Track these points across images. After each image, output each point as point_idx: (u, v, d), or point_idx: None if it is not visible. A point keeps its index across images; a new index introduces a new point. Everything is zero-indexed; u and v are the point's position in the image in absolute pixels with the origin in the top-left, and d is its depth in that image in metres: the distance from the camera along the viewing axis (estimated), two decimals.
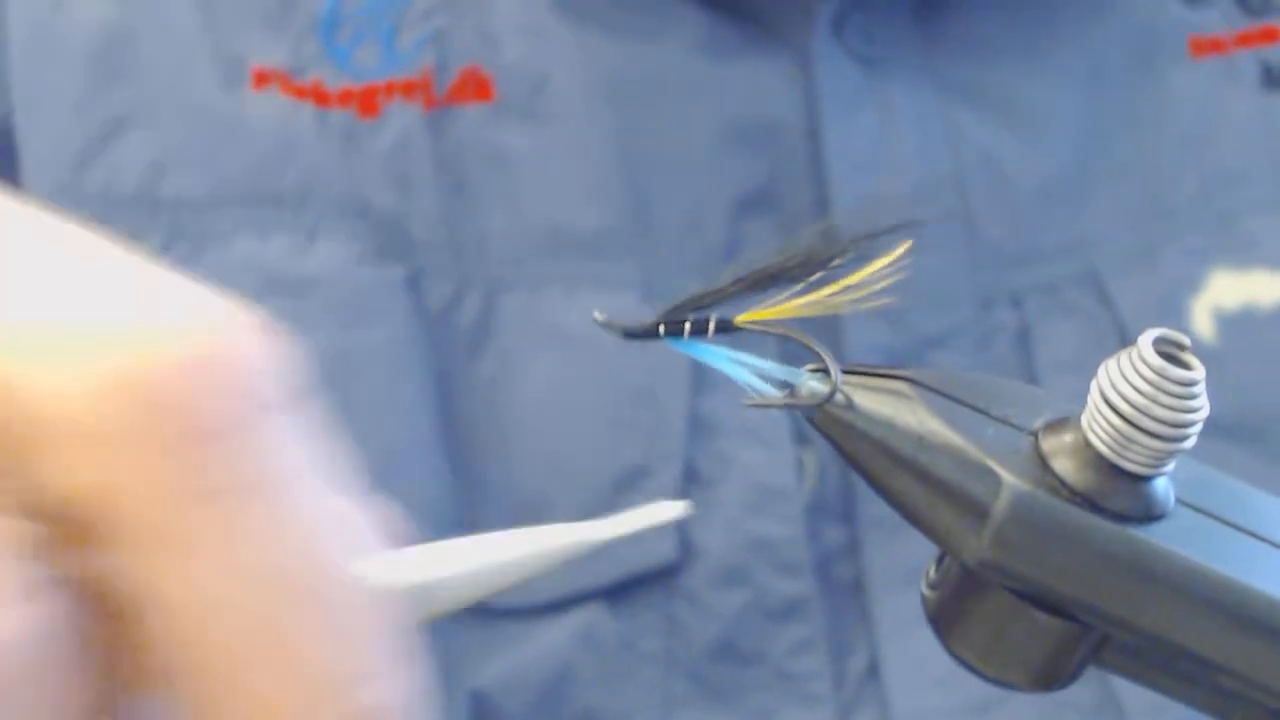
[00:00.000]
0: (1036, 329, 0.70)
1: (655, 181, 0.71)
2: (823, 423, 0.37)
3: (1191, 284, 0.71)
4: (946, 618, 0.37)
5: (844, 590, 0.69)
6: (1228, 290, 0.71)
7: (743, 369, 0.37)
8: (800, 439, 0.69)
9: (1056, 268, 0.71)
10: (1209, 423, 0.35)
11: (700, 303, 0.37)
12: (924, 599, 0.38)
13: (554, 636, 0.68)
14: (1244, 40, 0.74)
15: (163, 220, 0.71)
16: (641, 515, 0.37)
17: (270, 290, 0.70)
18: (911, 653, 0.68)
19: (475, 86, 0.72)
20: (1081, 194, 0.72)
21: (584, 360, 0.69)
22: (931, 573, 0.38)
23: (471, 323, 0.70)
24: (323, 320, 0.70)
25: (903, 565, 0.69)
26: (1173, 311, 0.71)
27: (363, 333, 0.70)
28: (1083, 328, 0.70)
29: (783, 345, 0.38)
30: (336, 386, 0.69)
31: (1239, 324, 0.71)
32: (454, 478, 0.69)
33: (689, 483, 0.68)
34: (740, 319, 0.37)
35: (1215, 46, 0.74)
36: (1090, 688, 0.68)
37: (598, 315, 0.37)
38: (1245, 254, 0.72)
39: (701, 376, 0.69)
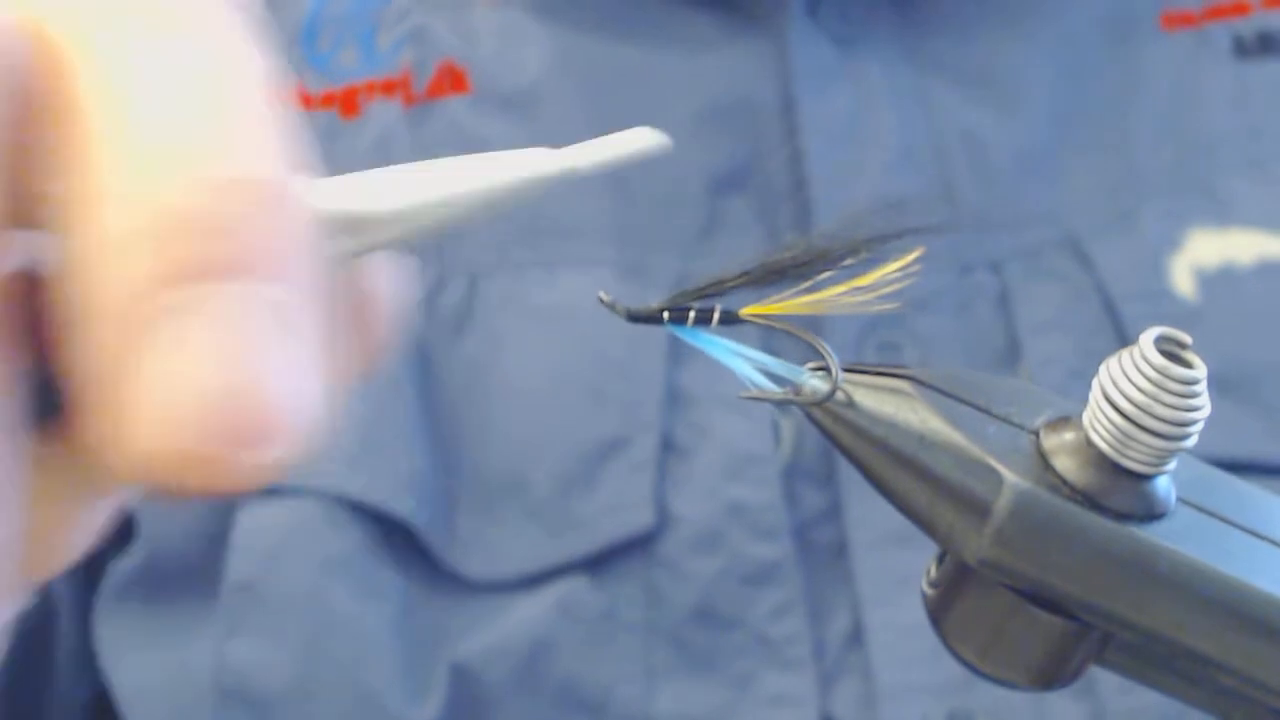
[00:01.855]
0: (1017, 292, 0.71)
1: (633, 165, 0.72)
2: (824, 421, 0.36)
3: (1171, 244, 0.72)
4: (947, 616, 0.37)
5: (825, 553, 0.69)
6: (1207, 249, 0.72)
7: (744, 362, 0.37)
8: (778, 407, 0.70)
9: (1035, 234, 0.72)
10: None
11: (706, 292, 0.37)
12: (924, 597, 0.37)
13: (534, 608, 0.69)
14: (1214, 13, 0.75)
15: None
16: (613, 143, 0.36)
17: None
18: (896, 622, 0.68)
19: (452, 80, 0.73)
20: (1059, 164, 0.73)
21: (563, 336, 0.70)
22: (932, 571, 0.38)
23: (455, 305, 0.71)
24: None
25: (885, 527, 0.69)
26: (1153, 271, 0.71)
27: None
28: (1062, 289, 0.71)
29: (784, 340, 0.38)
30: None
31: (1219, 281, 0.71)
32: (435, 454, 0.70)
33: (667, 452, 0.69)
34: (745, 311, 0.37)
35: (1186, 20, 0.75)
36: None
37: (603, 296, 0.37)
38: (1222, 214, 0.72)
39: (678, 349, 0.69)
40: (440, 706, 0.67)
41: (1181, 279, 0.72)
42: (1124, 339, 0.71)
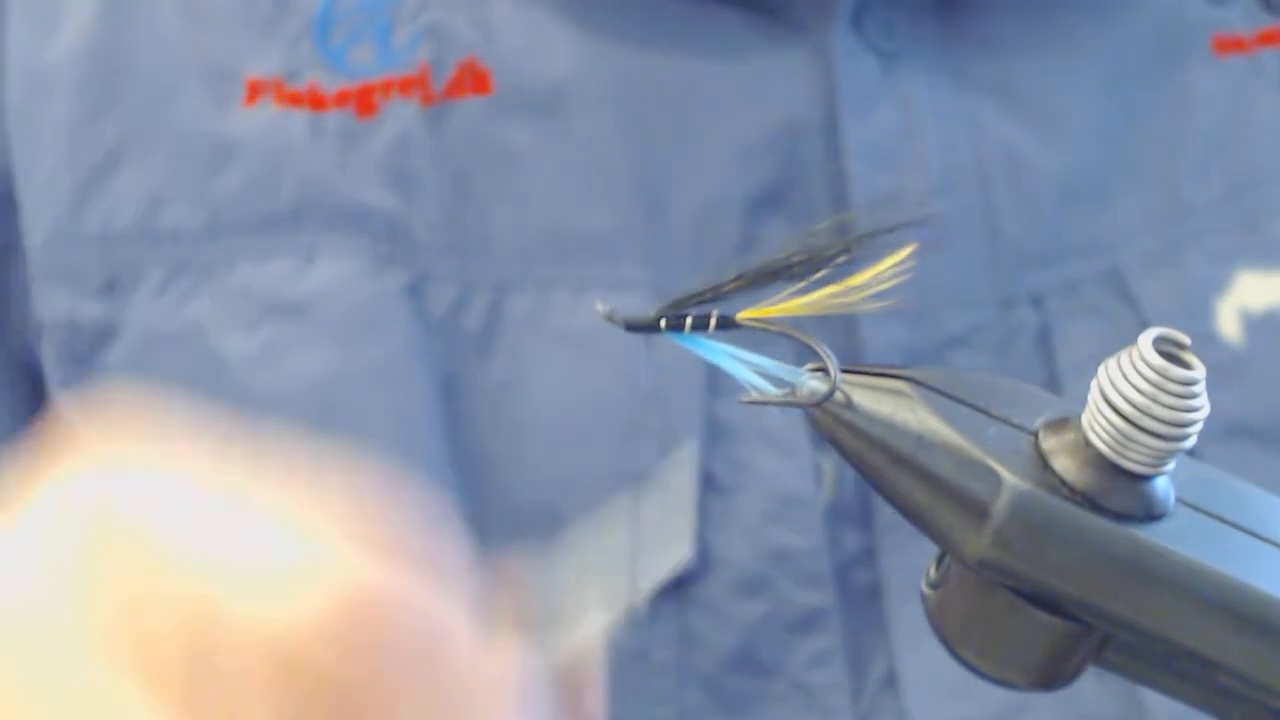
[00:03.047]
0: (1058, 329, 0.69)
1: (667, 180, 0.70)
2: (822, 422, 0.36)
3: (1217, 285, 0.71)
4: (947, 617, 0.37)
5: (861, 597, 0.68)
6: (1254, 292, 0.71)
7: (742, 366, 0.37)
8: (818, 444, 0.68)
9: (1078, 267, 0.70)
10: (1235, 426, 0.35)
11: (702, 298, 0.37)
12: (924, 598, 0.38)
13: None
14: (1266, 39, 0.74)
15: (162, 254, 0.70)
16: None
17: (270, 315, 0.69)
18: (928, 661, 0.67)
19: (474, 79, 0.71)
20: (1103, 193, 0.71)
21: (594, 363, 0.68)
22: (931, 572, 0.38)
23: (478, 326, 0.69)
24: (323, 340, 0.69)
25: (919, 569, 0.68)
26: (1199, 312, 0.70)
27: (364, 350, 0.69)
28: (1104, 328, 0.70)
29: (785, 343, 0.38)
30: (339, 405, 0.69)
31: (1265, 326, 0.70)
32: (462, 486, 0.68)
33: (706, 490, 0.68)
34: (742, 315, 0.37)
35: (1238, 45, 0.74)
36: (1116, 698, 0.67)
37: (599, 307, 0.37)
38: (1271, 255, 0.71)
39: (716, 379, 0.68)
40: None
41: (1227, 322, 0.71)
42: None
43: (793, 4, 0.70)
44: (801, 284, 0.36)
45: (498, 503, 0.69)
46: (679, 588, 0.67)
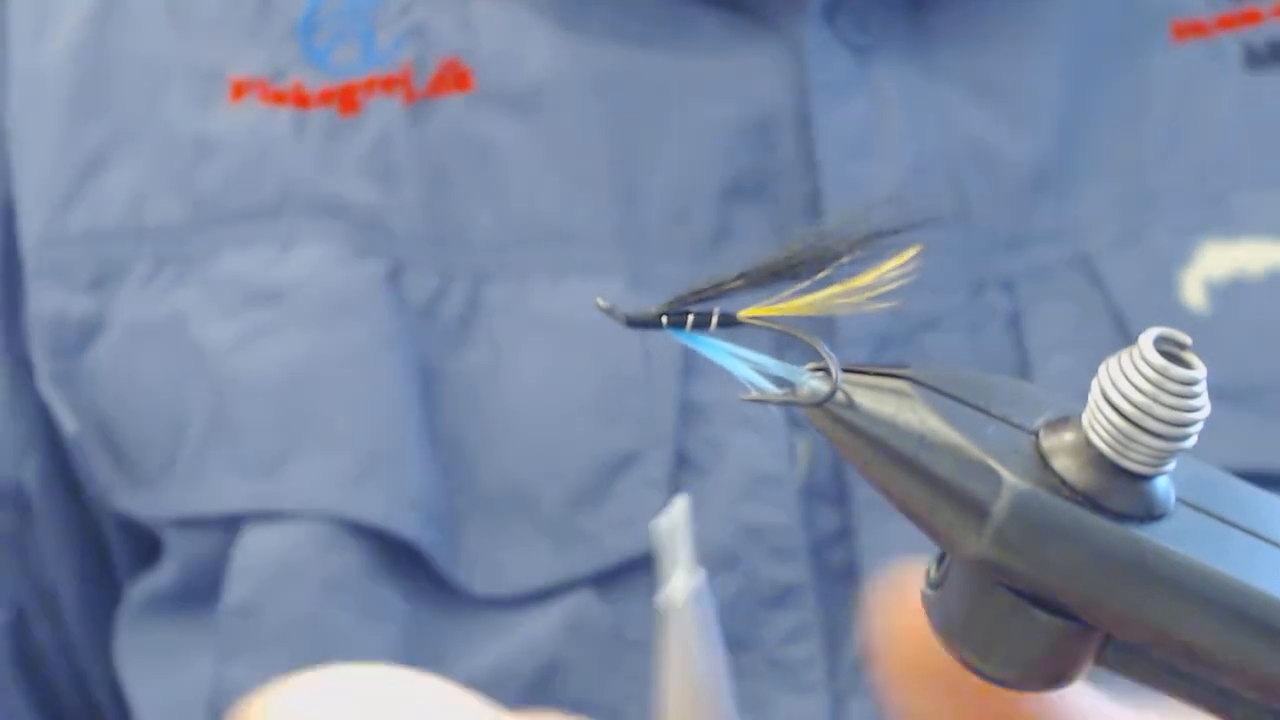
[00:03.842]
0: (1028, 313, 0.71)
1: (642, 170, 0.71)
2: (823, 422, 0.36)
3: (1181, 257, 0.72)
4: (947, 617, 0.37)
5: (837, 575, 0.69)
6: (1217, 261, 0.72)
7: (743, 364, 0.37)
8: (793, 423, 0.69)
9: (1047, 252, 0.72)
10: (1207, 388, 0.35)
11: (704, 295, 0.37)
12: (924, 598, 0.37)
13: (542, 626, 0.68)
14: (1226, 23, 0.75)
15: (147, 249, 0.72)
16: None
17: (250, 303, 0.70)
18: None
19: (455, 77, 0.72)
20: (1070, 179, 0.73)
21: (572, 347, 0.69)
22: (931, 572, 0.38)
23: (457, 313, 0.70)
24: (301, 323, 0.70)
25: (896, 548, 0.68)
26: (1163, 286, 0.71)
27: (342, 333, 0.70)
28: (1074, 308, 0.71)
29: (783, 342, 0.38)
30: (314, 388, 0.69)
31: (1230, 293, 0.71)
32: (441, 469, 0.69)
33: (681, 469, 0.68)
34: (743, 314, 0.37)
35: (1197, 30, 0.75)
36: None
37: (600, 302, 0.37)
38: (1233, 226, 0.72)
39: (693, 362, 0.69)
40: None
41: (1192, 292, 0.72)
42: None
43: (765, 1, 0.71)
44: (804, 283, 0.36)
45: (476, 486, 0.69)
46: (653, 565, 0.67)
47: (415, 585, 0.69)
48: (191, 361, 0.70)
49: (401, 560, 0.69)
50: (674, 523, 0.38)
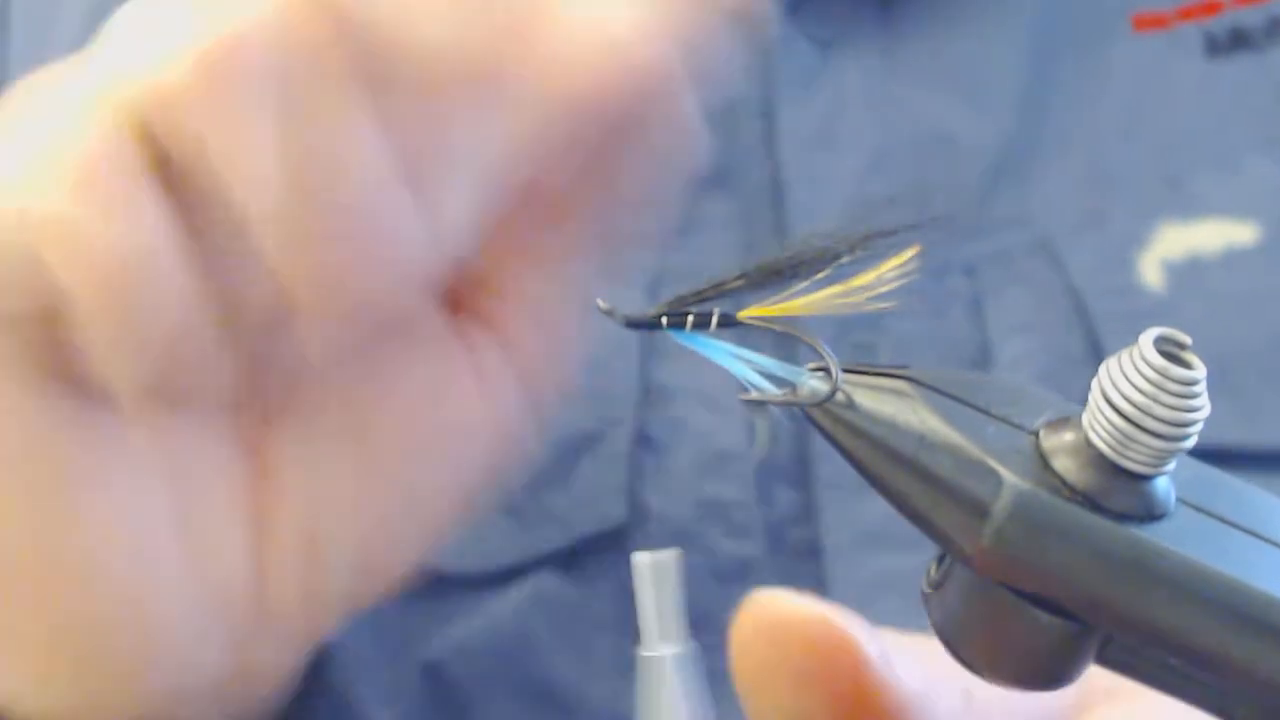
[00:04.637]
0: (989, 296, 0.71)
1: None
2: (823, 422, 0.36)
3: (1139, 239, 0.72)
4: (947, 617, 0.37)
5: (798, 554, 0.70)
6: (1175, 242, 0.72)
7: (743, 364, 0.37)
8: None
9: (1008, 238, 0.72)
10: None
11: (704, 295, 0.37)
12: (924, 598, 0.37)
13: (507, 604, 0.69)
14: (1187, 14, 0.75)
15: None
16: None
17: None
18: (870, 621, 0.68)
19: None
20: (1031, 165, 0.74)
21: None
22: (932, 572, 0.38)
23: None
24: None
25: (860, 529, 0.69)
26: (1121, 267, 0.72)
27: None
28: (1034, 292, 0.72)
29: (783, 342, 0.38)
30: None
31: (1187, 272, 0.72)
32: None
33: (641, 447, 0.69)
34: (743, 314, 0.37)
35: (1158, 22, 0.75)
36: None
37: (600, 303, 0.38)
38: (1190, 207, 0.73)
39: (653, 344, 0.70)
40: (411, 705, 0.67)
41: (1150, 273, 0.72)
42: (1094, 337, 0.71)
43: None
44: (804, 283, 0.36)
45: None
46: (616, 542, 0.68)
47: None
48: None
49: None
50: (663, 574, 0.38)
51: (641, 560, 0.38)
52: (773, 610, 0.40)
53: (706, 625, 0.69)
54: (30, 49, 0.76)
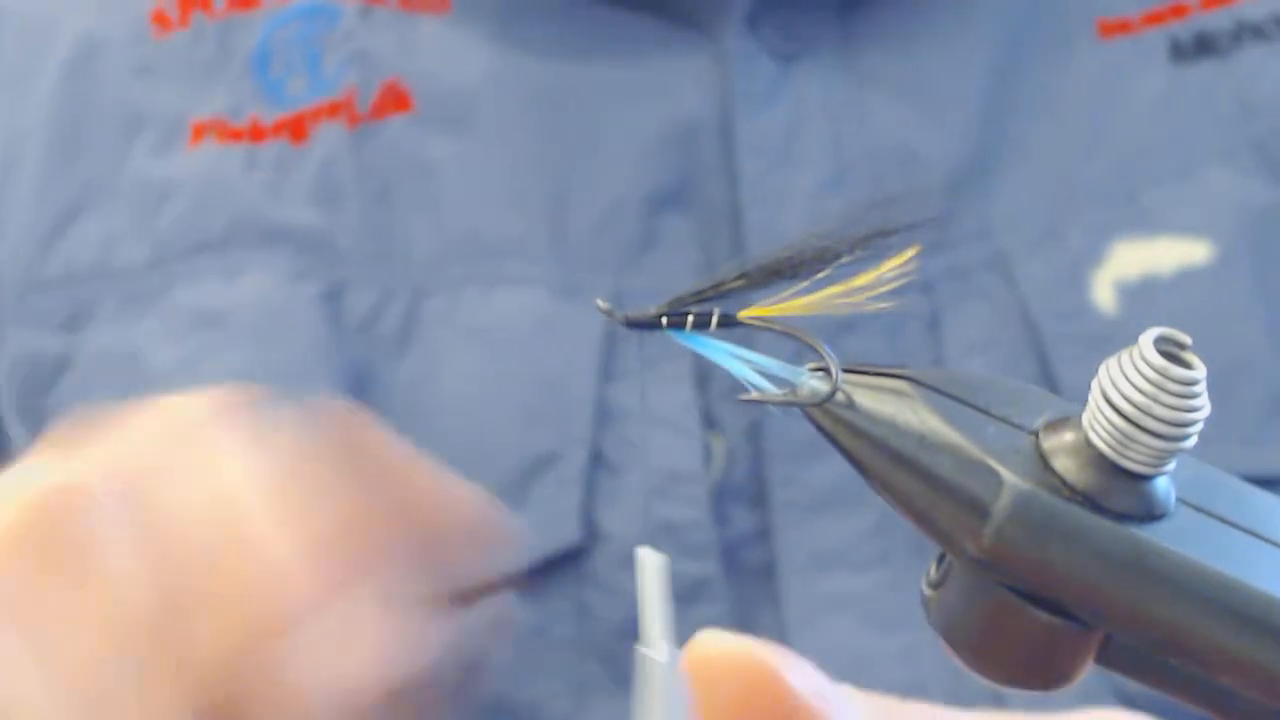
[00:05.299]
0: (946, 313, 0.71)
1: (572, 182, 0.73)
2: (823, 422, 0.36)
3: (1093, 258, 0.72)
4: (947, 617, 0.37)
5: (753, 575, 0.70)
6: (1129, 261, 0.72)
7: (743, 365, 0.37)
8: (708, 424, 0.70)
9: (966, 253, 0.72)
10: None
11: (704, 295, 0.37)
12: (924, 598, 0.37)
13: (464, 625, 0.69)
14: (1152, 19, 0.75)
15: (116, 289, 0.75)
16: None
17: (195, 328, 0.73)
18: (821, 644, 0.68)
19: (395, 99, 0.75)
20: (990, 178, 0.73)
21: (497, 354, 0.72)
22: (932, 572, 0.38)
23: (395, 330, 0.73)
24: (238, 344, 0.73)
25: (815, 550, 0.69)
26: (1074, 286, 0.72)
27: (276, 350, 0.73)
28: (990, 310, 0.71)
29: (783, 342, 0.38)
30: None
31: (1140, 293, 0.72)
32: None
33: (597, 468, 0.70)
34: (743, 314, 0.37)
35: (1124, 28, 0.75)
36: None
37: (600, 304, 0.38)
38: (1147, 223, 0.72)
39: (612, 365, 0.70)
40: None
41: (1102, 293, 0.72)
42: (1044, 359, 0.71)
43: (691, 9, 0.72)
44: (804, 283, 0.36)
45: None
46: (572, 563, 0.68)
47: None
48: (140, 388, 0.73)
49: None
50: (663, 571, 0.38)
51: (646, 555, 0.38)
52: (700, 648, 0.41)
53: None
54: (10, 103, 0.77)
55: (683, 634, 0.69)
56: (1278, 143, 0.74)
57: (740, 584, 0.70)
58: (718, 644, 0.42)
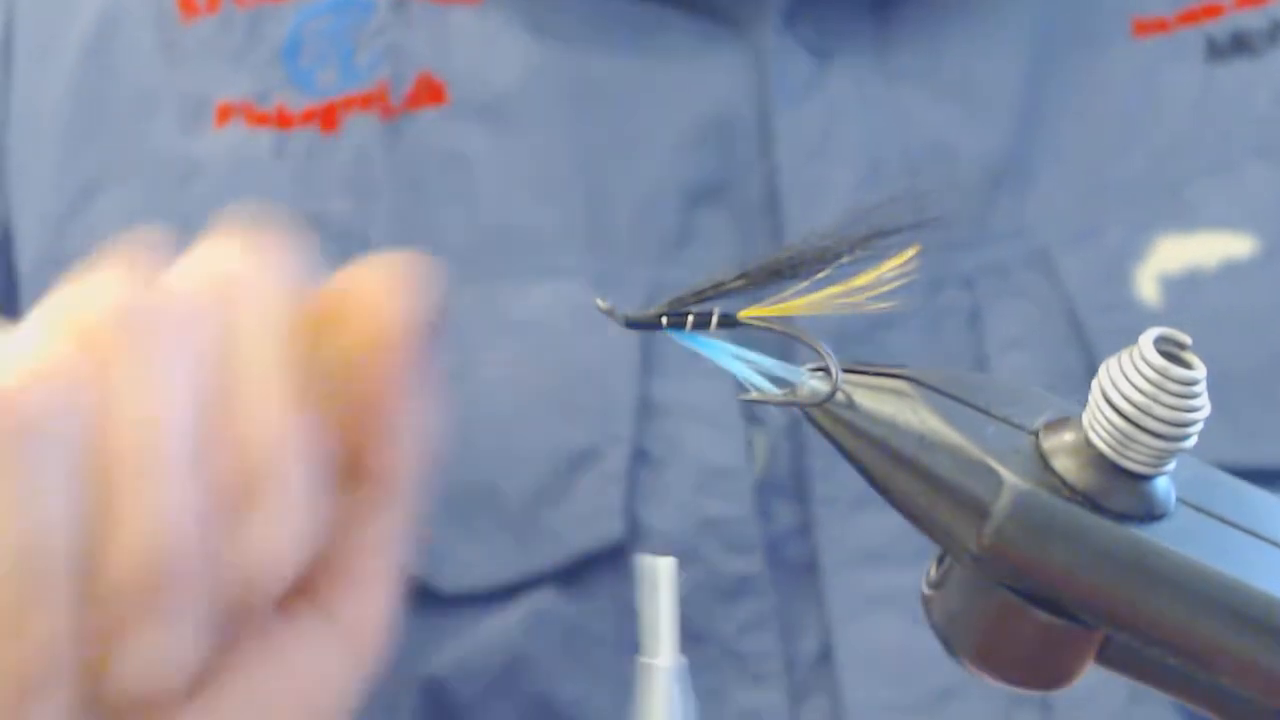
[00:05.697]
0: (987, 309, 0.71)
1: (609, 175, 0.73)
2: (823, 422, 0.36)
3: (1136, 253, 0.72)
4: (947, 617, 0.37)
5: (796, 570, 0.70)
6: (1172, 255, 0.72)
7: (743, 365, 0.37)
8: (750, 419, 0.70)
9: (1006, 249, 0.72)
10: None
11: (704, 295, 0.37)
12: (924, 599, 0.37)
13: (506, 621, 0.69)
14: (1187, 18, 0.75)
15: None
16: None
17: None
18: (866, 641, 0.68)
19: (429, 91, 0.74)
20: (1029, 175, 0.73)
21: (534, 347, 0.71)
22: (932, 572, 0.38)
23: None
24: None
25: (857, 545, 0.69)
26: (1117, 282, 0.72)
27: None
28: (1031, 306, 0.71)
29: (784, 342, 0.38)
30: None
31: (1184, 287, 0.72)
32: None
33: (639, 464, 0.69)
34: (743, 314, 0.37)
35: (1159, 26, 0.75)
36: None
37: (600, 303, 0.38)
38: (1189, 218, 0.73)
39: (651, 359, 0.70)
40: None
41: (1146, 287, 0.72)
42: (1090, 353, 0.71)
43: (728, 5, 0.72)
44: (805, 283, 0.36)
45: (442, 482, 0.70)
46: (614, 559, 0.68)
47: None
48: None
49: None
50: (667, 579, 0.38)
51: (648, 563, 0.38)
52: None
53: (705, 640, 0.69)
54: (31, 81, 0.77)
55: (727, 633, 0.69)
56: None
57: (784, 580, 0.69)
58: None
